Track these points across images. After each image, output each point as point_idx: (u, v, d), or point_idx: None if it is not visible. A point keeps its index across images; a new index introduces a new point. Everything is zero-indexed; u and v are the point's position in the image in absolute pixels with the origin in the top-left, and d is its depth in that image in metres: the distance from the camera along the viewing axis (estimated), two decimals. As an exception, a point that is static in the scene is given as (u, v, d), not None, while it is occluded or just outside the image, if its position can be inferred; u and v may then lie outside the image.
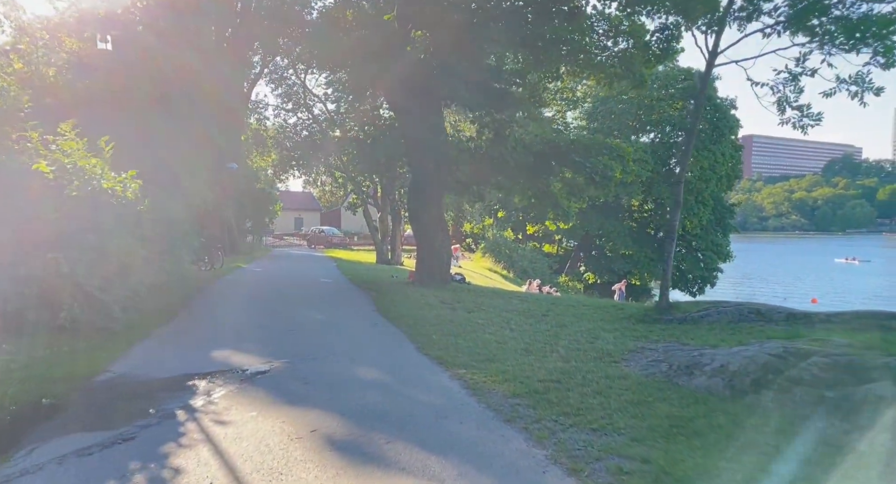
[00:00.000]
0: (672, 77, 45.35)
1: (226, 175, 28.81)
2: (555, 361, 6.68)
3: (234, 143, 30.33)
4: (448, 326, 9.00)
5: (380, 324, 9.32)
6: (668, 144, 45.76)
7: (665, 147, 45.40)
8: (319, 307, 11.06)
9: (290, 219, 63.44)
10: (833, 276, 69.52)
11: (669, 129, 45.88)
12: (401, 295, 12.85)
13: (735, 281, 61.07)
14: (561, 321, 9.57)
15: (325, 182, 51.69)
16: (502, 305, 11.69)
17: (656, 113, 44.36)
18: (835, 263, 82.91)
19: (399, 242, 31.98)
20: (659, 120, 44.70)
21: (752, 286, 62.30)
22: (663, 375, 5.76)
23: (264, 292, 13.24)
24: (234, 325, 8.93)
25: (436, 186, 14.32)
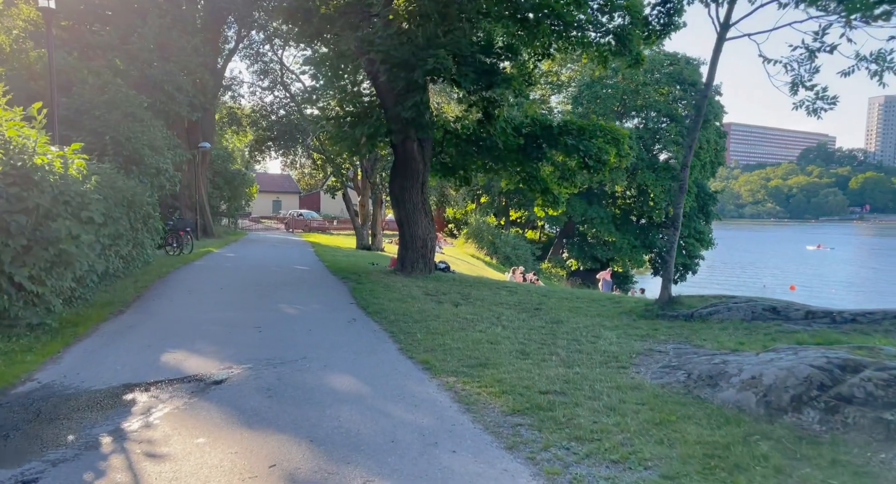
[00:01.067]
0: (658, 62, 44.78)
1: (198, 154, 27.45)
2: (555, 366, 5.91)
3: (207, 121, 28.93)
4: (434, 322, 8.18)
5: (358, 319, 8.47)
6: (653, 130, 45.31)
7: (650, 133, 44.95)
8: (293, 299, 10.15)
9: (267, 201, 61.93)
10: (808, 262, 70.68)
11: (654, 114, 45.43)
12: (382, 285, 11.99)
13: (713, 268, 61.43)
14: (556, 316, 8.82)
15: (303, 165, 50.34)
16: (491, 297, 10.91)
17: (641, 98, 43.80)
18: (806, 251, 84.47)
19: (380, 228, 31.03)
20: (644, 105, 44.16)
21: (731, 273, 62.86)
22: (682, 385, 5.03)
23: (234, 281, 12.27)
24: (194, 320, 7.99)
25: (420, 169, 13.40)
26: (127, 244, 11.49)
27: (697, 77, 44.88)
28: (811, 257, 77.96)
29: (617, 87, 43.97)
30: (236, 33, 29.29)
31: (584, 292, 12.40)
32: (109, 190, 11.19)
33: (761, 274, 62.00)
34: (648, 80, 44.80)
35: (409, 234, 13.85)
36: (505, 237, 43.74)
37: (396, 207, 13.92)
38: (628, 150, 13.05)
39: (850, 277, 60.53)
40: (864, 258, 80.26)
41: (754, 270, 65.42)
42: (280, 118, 31.39)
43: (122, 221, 11.25)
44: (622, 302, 10.30)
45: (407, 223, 13.78)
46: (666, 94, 45.11)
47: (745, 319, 7.15)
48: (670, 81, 44.28)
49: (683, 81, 43.34)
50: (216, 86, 29.30)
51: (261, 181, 53.30)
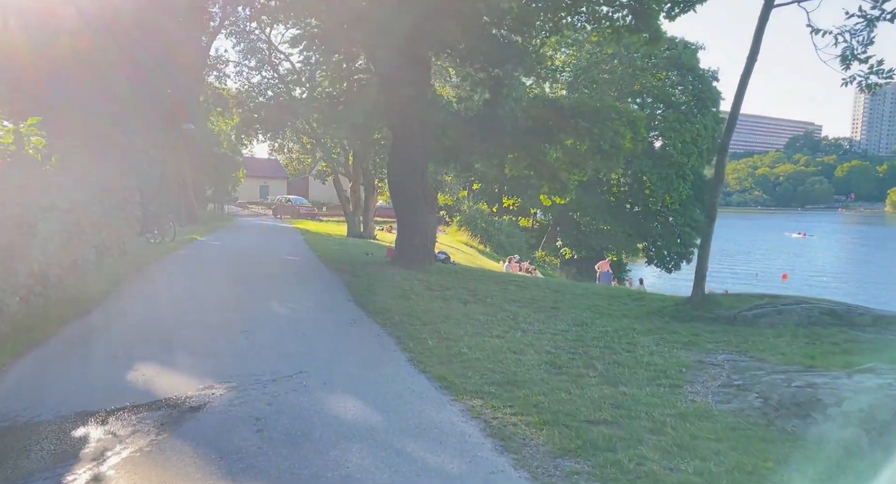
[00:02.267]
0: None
1: (182, 137, 26.16)
2: (596, 383, 5.03)
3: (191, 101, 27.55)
4: (444, 324, 7.26)
5: (358, 321, 7.53)
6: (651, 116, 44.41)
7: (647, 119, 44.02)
8: (284, 295, 9.18)
9: (255, 187, 60.46)
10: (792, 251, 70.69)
11: (651, 100, 44.48)
12: (380, 279, 11.04)
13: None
14: (578, 317, 7.94)
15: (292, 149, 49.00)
16: (500, 293, 10.01)
17: (639, 83, 42.86)
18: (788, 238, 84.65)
19: (372, 215, 29.96)
20: (641, 90, 43.22)
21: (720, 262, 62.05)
22: (758, 413, 4.16)
23: (218, 273, 11.26)
24: (171, 322, 7.00)
25: (420, 154, 12.40)
26: (99, 233, 10.40)
27: (695, 62, 43.99)
28: (794, 246, 78.22)
29: (614, 73, 42.93)
30: (221, 9, 27.82)
31: (599, 288, 11.55)
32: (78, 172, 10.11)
33: (750, 263, 61.74)
34: (646, 65, 43.84)
35: (409, 223, 12.88)
36: (498, 225, 42.89)
37: (395, 194, 12.94)
38: (645, 134, 12.12)
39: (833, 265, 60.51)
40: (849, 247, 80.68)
41: (742, 258, 64.97)
42: (268, 100, 30.03)
43: (93, 207, 10.16)
44: (645, 300, 9.45)
45: (406, 211, 12.80)
46: (663, 79, 44.18)
47: (800, 325, 6.32)
48: (668, 66, 43.33)
49: (682, 66, 42.41)
50: (200, 64, 27.89)
51: (248, 166, 51.79)
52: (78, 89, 15.43)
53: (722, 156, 8.17)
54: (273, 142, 36.40)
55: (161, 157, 20.13)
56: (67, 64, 15.84)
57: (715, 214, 8.14)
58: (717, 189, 8.26)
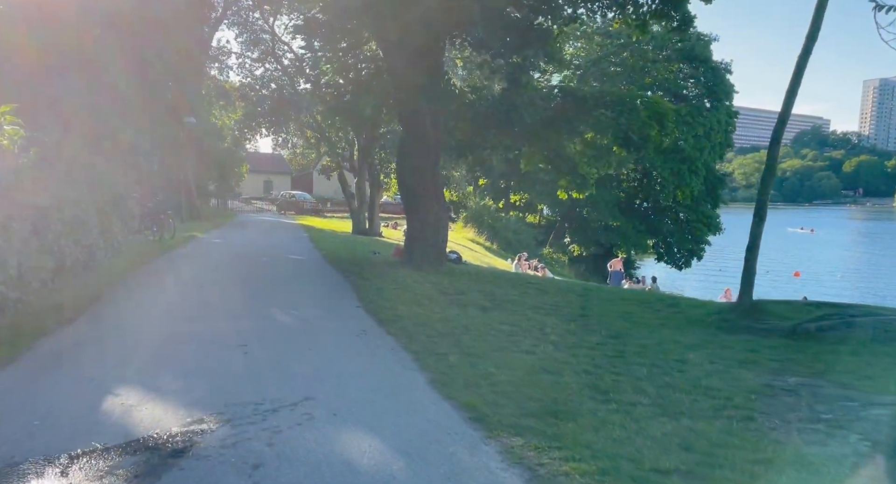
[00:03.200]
0: (667, 38, 42.80)
1: (183, 131, 25.43)
2: (654, 414, 4.27)
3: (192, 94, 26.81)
4: (464, 336, 6.52)
5: (369, 331, 6.78)
6: (661, 110, 43.41)
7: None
8: (287, 301, 8.45)
9: (258, 182, 59.80)
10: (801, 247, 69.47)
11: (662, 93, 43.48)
12: (389, 281, 10.30)
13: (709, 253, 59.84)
14: (611, 327, 7.18)
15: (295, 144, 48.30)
16: (520, 298, 9.26)
17: (649, 76, 41.91)
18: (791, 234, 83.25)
19: (377, 211, 29.21)
20: (652, 83, 42.25)
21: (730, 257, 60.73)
22: (870, 463, 3.39)
23: (218, 275, 10.54)
24: (162, 334, 6.26)
25: (431, 147, 11.63)
26: (90, 231, 9.68)
27: (709, 54, 43.01)
28: (800, 241, 77.07)
29: (625, 65, 41.99)
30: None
31: (626, 293, 10.78)
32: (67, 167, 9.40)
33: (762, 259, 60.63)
34: (657, 57, 42.90)
35: (419, 220, 12.13)
36: (505, 221, 42.11)
37: (405, 190, 12.18)
38: (673, 128, 11.32)
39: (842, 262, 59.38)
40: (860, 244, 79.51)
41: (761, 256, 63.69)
42: (271, 92, 29.29)
43: (84, 204, 9.44)
44: (680, 306, 8.67)
45: (416, 208, 12.05)
46: (675, 71, 43.21)
47: (875, 340, 5.54)
48: (680, 58, 42.35)
49: (695, 58, 41.41)
50: (202, 56, 27.16)
51: (251, 161, 51.11)
52: (79, 83, 14.74)
53: (775, 147, 7.38)
54: (276, 136, 35.70)
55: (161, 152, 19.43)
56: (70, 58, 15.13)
57: (765, 213, 7.34)
58: (770, 183, 7.48)
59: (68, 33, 16.36)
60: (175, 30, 22.11)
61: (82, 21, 18.76)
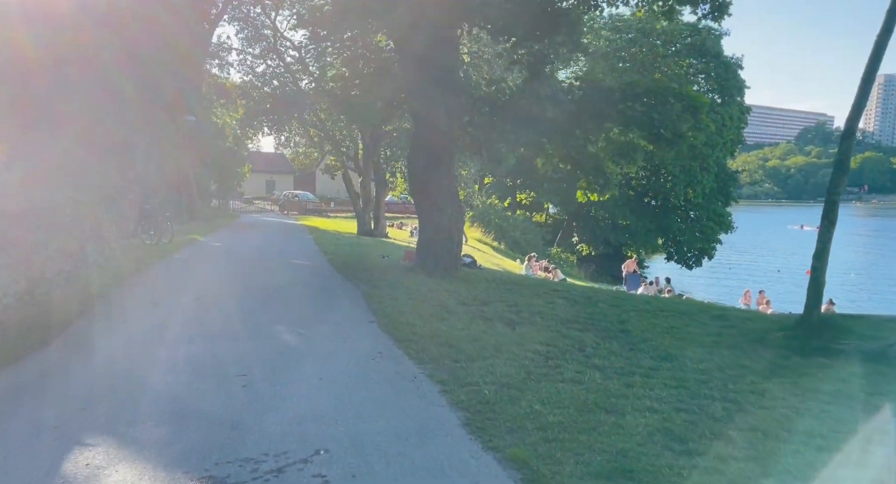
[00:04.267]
0: (677, 33, 41.93)
1: (183, 129, 24.63)
2: (755, 476, 3.40)
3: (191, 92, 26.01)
4: (496, 359, 5.67)
5: (387, 354, 5.93)
6: (671, 106, 42.47)
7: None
8: (292, 316, 7.60)
9: (260, 182, 59.05)
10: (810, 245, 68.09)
11: (672, 89, 42.53)
12: (402, 289, 9.45)
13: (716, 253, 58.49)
14: (659, 347, 6.32)
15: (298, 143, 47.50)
16: (548, 310, 8.40)
17: (659, 71, 40.98)
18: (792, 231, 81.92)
19: (383, 211, 28.35)
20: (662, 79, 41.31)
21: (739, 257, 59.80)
22: None
23: (216, 285, 9.70)
24: (147, 363, 5.41)
25: (446, 143, 10.77)
26: (75, 238, 8.85)
27: (720, 49, 42.09)
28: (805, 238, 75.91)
29: (635, 59, 41.06)
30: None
31: (663, 302, 9.89)
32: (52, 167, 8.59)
33: (771, 257, 59.63)
34: (667, 52, 42.01)
35: (433, 223, 11.27)
36: (513, 221, 41.28)
37: (417, 191, 11.32)
38: (707, 121, 10.43)
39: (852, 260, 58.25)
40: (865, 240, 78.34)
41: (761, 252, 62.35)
42: (273, 90, 28.44)
43: (72, 208, 8.62)
44: (729, 318, 7.80)
45: (430, 210, 11.19)
46: (686, 66, 42.28)
47: None
48: (691, 53, 41.44)
49: (706, 53, 40.47)
50: (202, 53, 26.32)
51: (253, 160, 50.37)
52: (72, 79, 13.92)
53: (847, 141, 6.50)
54: (279, 135, 34.83)
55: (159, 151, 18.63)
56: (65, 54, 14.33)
57: (835, 216, 6.46)
58: (840, 182, 6.62)
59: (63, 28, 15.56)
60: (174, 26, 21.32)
61: (78, 16, 17.95)
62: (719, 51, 41.46)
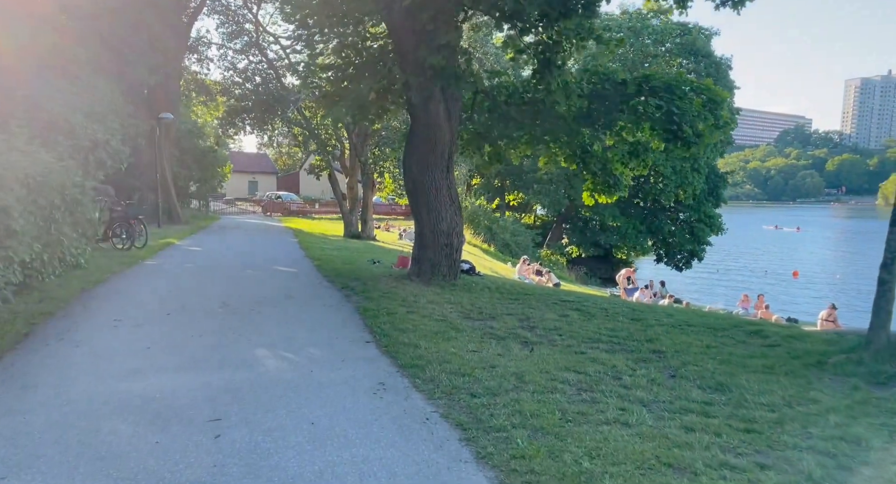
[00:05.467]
0: (668, 32, 41.57)
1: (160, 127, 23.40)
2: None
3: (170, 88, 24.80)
4: (521, 392, 4.76)
5: (390, 385, 5.00)
6: (663, 107, 42.01)
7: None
8: (277, 336, 6.62)
9: (242, 182, 57.69)
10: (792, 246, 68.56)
11: (662, 89, 42.11)
12: (400, 301, 8.53)
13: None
14: (704, 372, 5.47)
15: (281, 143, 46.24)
16: (565, 325, 7.52)
17: (649, 71, 40.53)
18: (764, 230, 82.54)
19: (370, 213, 27.34)
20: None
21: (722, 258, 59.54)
22: None
23: (190, 297, 8.67)
24: (98, 402, 4.41)
25: (446, 140, 9.87)
26: (26, 248, 7.76)
27: (710, 48, 41.81)
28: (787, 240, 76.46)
29: (625, 60, 40.55)
30: (203, -15, 25.06)
31: (686, 315, 9.07)
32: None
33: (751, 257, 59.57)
34: (658, 51, 41.63)
35: (430, 227, 10.35)
36: (503, 222, 40.51)
37: (413, 192, 10.40)
38: (727, 118, 9.67)
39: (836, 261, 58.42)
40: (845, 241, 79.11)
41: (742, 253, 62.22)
42: (256, 87, 27.32)
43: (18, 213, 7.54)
44: (768, 335, 6.97)
45: (427, 213, 10.27)
46: (676, 66, 41.89)
47: None
48: (682, 53, 41.07)
49: (696, 53, 40.13)
50: (180, 47, 25.10)
51: (235, 160, 49.08)
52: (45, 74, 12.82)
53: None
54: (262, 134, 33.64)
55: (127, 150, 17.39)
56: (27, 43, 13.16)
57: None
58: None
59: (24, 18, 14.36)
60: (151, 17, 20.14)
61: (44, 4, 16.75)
62: (709, 51, 41.17)
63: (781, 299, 32.25)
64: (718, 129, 9.59)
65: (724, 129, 9.70)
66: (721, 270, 49.17)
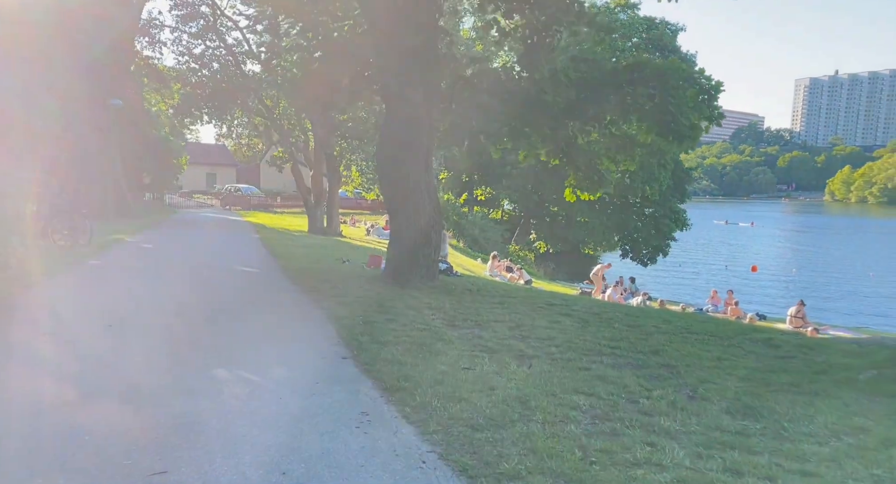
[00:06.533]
0: (635, 27, 41.65)
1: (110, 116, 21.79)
2: None
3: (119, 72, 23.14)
4: (529, 423, 4.06)
5: (373, 414, 4.21)
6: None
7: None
8: (237, 352, 5.74)
9: (200, 175, 55.43)
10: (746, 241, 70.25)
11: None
12: (376, 307, 7.75)
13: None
14: (724, 392, 4.87)
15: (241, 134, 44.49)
16: (558, 333, 6.88)
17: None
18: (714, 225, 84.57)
19: (336, 208, 26.30)
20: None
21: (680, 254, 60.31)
22: None
23: (136, 305, 7.67)
24: (6, 453, 3.51)
25: (424, 130, 9.09)
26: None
27: (676, 44, 42.14)
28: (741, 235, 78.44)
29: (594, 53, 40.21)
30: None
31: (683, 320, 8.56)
32: None
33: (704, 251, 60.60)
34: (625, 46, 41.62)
35: (406, 224, 9.57)
36: (471, 218, 39.94)
37: (388, 186, 9.59)
38: (719, 110, 9.19)
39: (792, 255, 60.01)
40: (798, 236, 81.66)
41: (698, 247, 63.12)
42: (214, 73, 25.87)
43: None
44: (779, 344, 6.47)
45: (404, 209, 9.48)
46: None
47: None
48: (649, 48, 41.15)
49: (664, 48, 40.27)
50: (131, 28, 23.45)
51: (192, 152, 46.94)
52: None
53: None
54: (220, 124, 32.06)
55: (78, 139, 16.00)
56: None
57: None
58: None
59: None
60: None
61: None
62: (675, 46, 41.43)
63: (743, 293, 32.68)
64: (711, 122, 9.10)
65: (717, 121, 9.22)
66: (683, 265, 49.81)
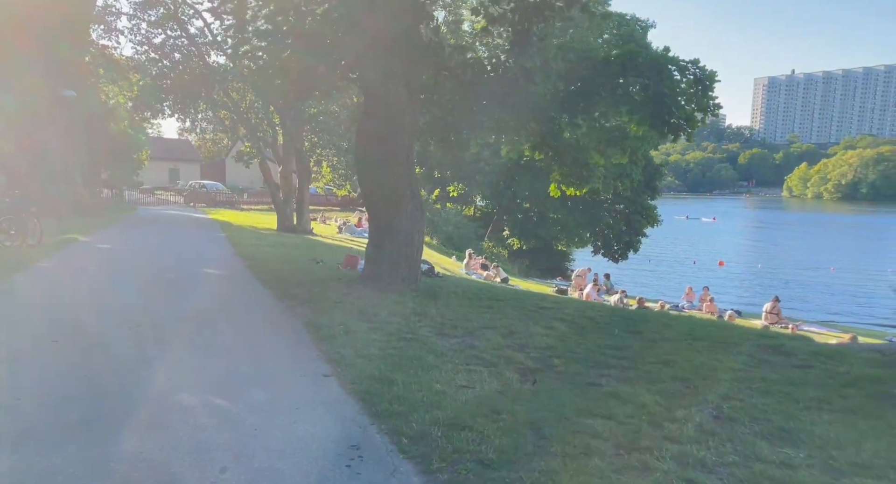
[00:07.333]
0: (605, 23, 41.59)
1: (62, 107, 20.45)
2: None
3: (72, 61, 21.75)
4: (544, 456, 3.53)
5: (365, 448, 3.59)
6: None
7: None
8: (203, 371, 5.05)
9: (162, 170, 53.47)
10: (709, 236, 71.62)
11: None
12: (356, 314, 7.13)
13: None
14: (751, 411, 4.45)
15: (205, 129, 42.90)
16: (555, 341, 6.38)
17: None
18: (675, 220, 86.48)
19: (307, 205, 25.38)
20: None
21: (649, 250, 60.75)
22: None
23: (88, 314, 6.87)
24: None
25: (407, 123, 8.47)
26: None
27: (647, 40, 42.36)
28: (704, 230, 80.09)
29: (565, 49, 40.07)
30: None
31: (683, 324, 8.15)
32: None
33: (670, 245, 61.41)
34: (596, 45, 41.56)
35: (387, 224, 8.96)
36: (444, 215, 39.45)
37: (367, 184, 8.95)
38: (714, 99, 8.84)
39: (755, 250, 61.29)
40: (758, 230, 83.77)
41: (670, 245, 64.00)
42: (175, 64, 24.62)
43: None
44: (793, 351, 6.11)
45: (384, 208, 8.87)
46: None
47: None
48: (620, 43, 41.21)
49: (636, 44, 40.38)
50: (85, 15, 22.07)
51: (154, 147, 45.11)
52: None
53: None
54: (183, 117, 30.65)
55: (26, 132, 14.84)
56: None
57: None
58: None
59: None
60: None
61: None
62: (647, 43, 41.59)
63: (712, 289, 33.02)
64: (706, 113, 8.76)
65: (714, 111, 8.88)
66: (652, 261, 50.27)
